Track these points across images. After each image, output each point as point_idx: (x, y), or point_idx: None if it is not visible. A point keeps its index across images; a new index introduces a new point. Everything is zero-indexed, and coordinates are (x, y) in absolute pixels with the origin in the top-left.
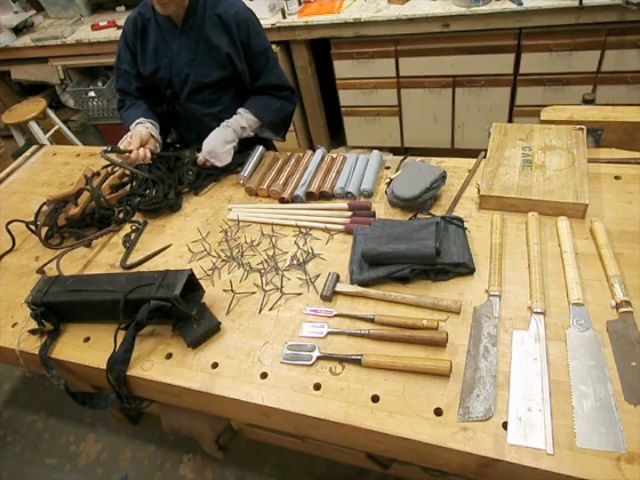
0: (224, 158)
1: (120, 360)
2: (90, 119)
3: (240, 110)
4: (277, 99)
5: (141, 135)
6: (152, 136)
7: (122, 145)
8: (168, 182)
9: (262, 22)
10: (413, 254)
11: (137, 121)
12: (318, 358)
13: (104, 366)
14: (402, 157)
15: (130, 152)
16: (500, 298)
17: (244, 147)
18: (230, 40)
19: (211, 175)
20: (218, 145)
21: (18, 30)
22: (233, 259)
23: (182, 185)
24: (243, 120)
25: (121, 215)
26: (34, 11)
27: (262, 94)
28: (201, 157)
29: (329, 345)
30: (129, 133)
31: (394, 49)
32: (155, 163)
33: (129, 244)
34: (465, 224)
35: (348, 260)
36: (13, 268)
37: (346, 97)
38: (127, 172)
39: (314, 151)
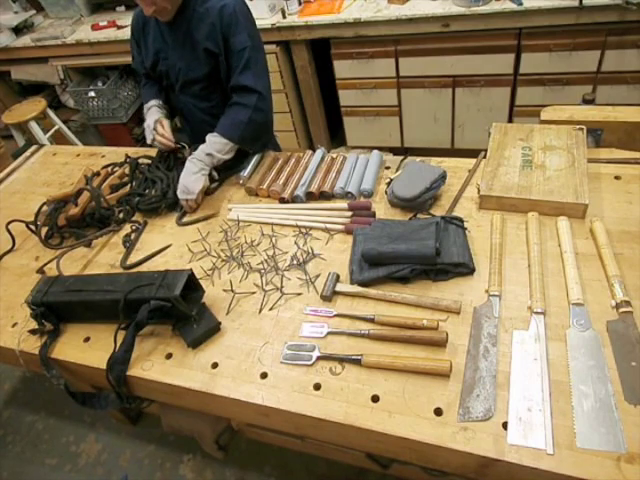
0: (193, 188)
1: (120, 360)
2: (90, 119)
3: (207, 136)
4: (244, 108)
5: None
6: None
7: (157, 138)
8: (167, 181)
9: (262, 22)
10: (413, 254)
11: (153, 105)
12: (318, 358)
13: (104, 366)
14: (402, 157)
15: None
16: (500, 298)
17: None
18: (211, 33)
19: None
20: (186, 180)
21: (18, 30)
22: (233, 259)
23: None
24: (208, 147)
25: (121, 215)
26: (34, 11)
27: (230, 105)
28: (182, 202)
29: (329, 345)
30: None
31: (394, 49)
32: (154, 162)
33: (129, 244)
34: (465, 224)
35: (348, 260)
36: (13, 268)
37: (346, 97)
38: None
39: (314, 151)
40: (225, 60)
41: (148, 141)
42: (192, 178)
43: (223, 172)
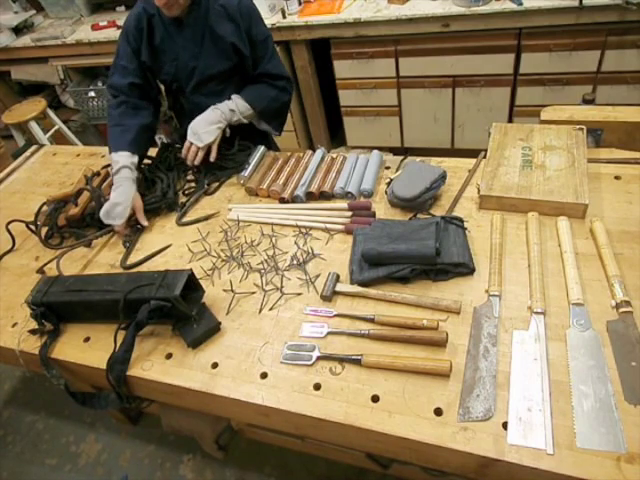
0: (205, 138)
1: (120, 360)
2: (90, 119)
3: (233, 95)
4: (273, 88)
5: (142, 206)
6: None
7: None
8: (167, 181)
9: None
10: (413, 254)
11: (124, 165)
12: (318, 358)
13: (104, 366)
14: (402, 157)
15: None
16: (500, 298)
17: (246, 141)
18: (235, 28)
19: (213, 174)
20: (201, 125)
21: (18, 30)
22: (233, 259)
23: (182, 185)
24: (232, 104)
25: None
26: (34, 11)
27: (259, 82)
28: (187, 142)
29: (329, 345)
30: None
31: (394, 49)
32: (154, 162)
33: (129, 244)
34: (465, 224)
35: (348, 260)
36: (13, 268)
37: (346, 97)
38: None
39: (314, 151)
40: (249, 52)
41: (108, 222)
42: (207, 128)
43: (223, 172)
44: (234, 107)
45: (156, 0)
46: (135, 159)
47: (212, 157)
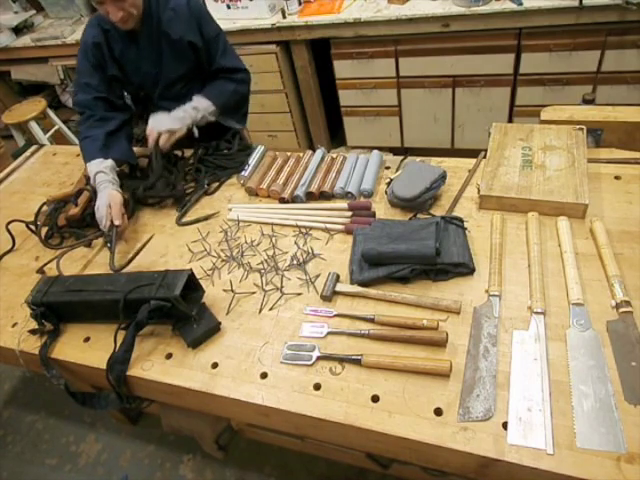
0: (166, 124)
1: (120, 360)
2: None
3: (194, 96)
4: (231, 82)
5: (118, 203)
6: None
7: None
8: (173, 175)
9: (262, 22)
10: (413, 254)
11: (98, 171)
12: (318, 358)
13: (104, 366)
14: (402, 157)
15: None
16: (500, 298)
17: (220, 133)
18: (188, 27)
19: (213, 174)
20: (164, 117)
21: (18, 30)
22: (233, 259)
23: (186, 181)
24: (195, 102)
25: None
26: (34, 11)
27: (217, 78)
28: (148, 128)
29: (329, 345)
30: (105, 201)
31: (394, 49)
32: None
33: (110, 244)
34: (465, 224)
35: (348, 260)
36: (13, 268)
37: (346, 97)
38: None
39: (314, 151)
40: (203, 48)
41: (102, 227)
42: (169, 119)
43: (223, 172)
44: (197, 104)
45: (111, 16)
46: (108, 162)
47: (162, 142)
